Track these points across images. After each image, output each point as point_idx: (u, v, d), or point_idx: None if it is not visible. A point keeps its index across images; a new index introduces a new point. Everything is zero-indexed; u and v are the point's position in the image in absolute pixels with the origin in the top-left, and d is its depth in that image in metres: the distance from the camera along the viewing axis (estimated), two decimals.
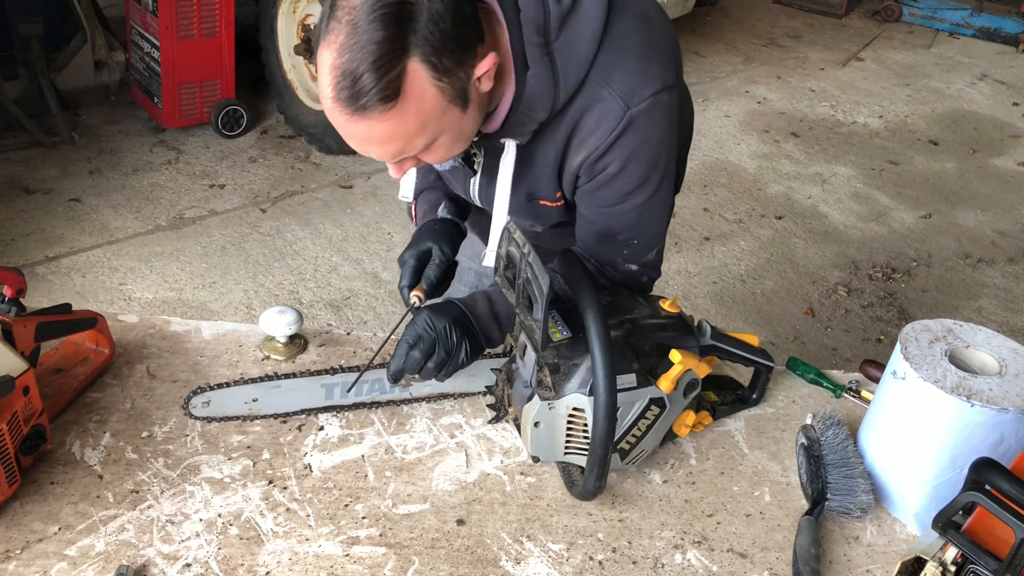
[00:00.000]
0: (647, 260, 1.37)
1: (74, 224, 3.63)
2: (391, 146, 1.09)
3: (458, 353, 1.28)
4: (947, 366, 1.25)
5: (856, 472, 1.29)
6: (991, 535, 1.06)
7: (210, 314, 3.22)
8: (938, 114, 5.70)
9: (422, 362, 1.26)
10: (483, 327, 1.32)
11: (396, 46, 0.99)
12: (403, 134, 1.06)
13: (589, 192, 1.28)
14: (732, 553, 1.21)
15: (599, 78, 1.16)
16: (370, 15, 0.97)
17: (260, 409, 1.33)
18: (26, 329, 1.23)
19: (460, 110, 1.09)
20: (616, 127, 1.18)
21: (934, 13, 7.26)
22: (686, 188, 4.44)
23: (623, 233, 1.32)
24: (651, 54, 1.19)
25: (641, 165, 1.23)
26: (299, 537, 1.16)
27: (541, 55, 1.13)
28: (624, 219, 1.30)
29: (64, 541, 1.12)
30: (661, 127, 1.22)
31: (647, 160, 1.23)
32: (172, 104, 4.17)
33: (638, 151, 1.21)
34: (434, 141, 1.11)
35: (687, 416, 1.30)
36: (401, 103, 1.02)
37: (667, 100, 1.20)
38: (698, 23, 6.64)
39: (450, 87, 1.05)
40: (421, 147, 1.10)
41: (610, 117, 1.17)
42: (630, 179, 1.24)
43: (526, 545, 1.19)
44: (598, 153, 1.21)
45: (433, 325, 1.27)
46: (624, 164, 1.22)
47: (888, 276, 3.95)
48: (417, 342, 1.27)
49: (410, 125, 1.05)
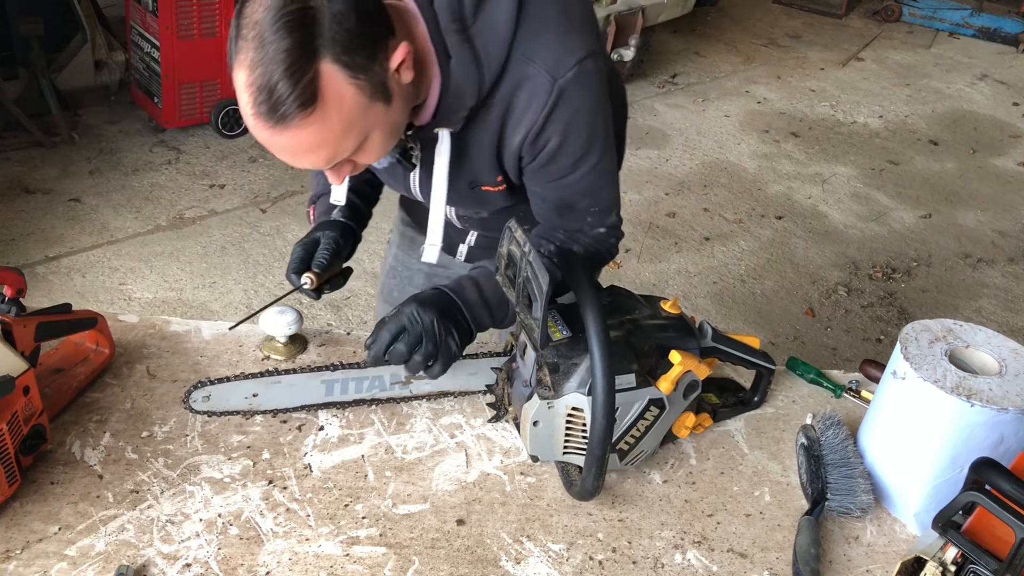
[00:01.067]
0: (610, 222, 1.38)
1: (74, 224, 3.63)
2: (322, 152, 1.08)
3: (447, 345, 1.26)
4: (947, 366, 1.25)
5: (856, 472, 1.29)
6: (991, 535, 1.06)
7: (210, 314, 3.22)
8: (938, 114, 5.70)
9: (407, 355, 1.24)
10: (474, 315, 1.31)
11: (305, 51, 0.98)
12: (330, 138, 1.06)
13: (536, 170, 1.29)
14: (732, 553, 1.21)
15: (522, 55, 1.17)
16: (273, 25, 0.97)
17: (260, 404, 1.33)
18: (26, 329, 1.23)
19: (384, 105, 1.08)
20: (548, 100, 1.19)
21: (934, 13, 7.26)
22: (686, 188, 4.45)
23: (580, 202, 1.33)
24: (569, 24, 1.20)
25: (581, 133, 1.24)
26: (299, 537, 1.16)
27: (460, 41, 1.14)
28: (578, 188, 1.31)
29: (64, 541, 1.12)
30: (593, 93, 1.23)
31: (585, 128, 1.24)
32: (172, 104, 4.17)
33: (574, 120, 1.22)
34: (365, 141, 1.10)
35: (687, 418, 1.30)
36: (321, 106, 1.02)
37: (592, 66, 1.21)
38: (698, 23, 6.64)
39: (368, 83, 1.04)
40: (352, 148, 1.09)
41: (540, 91, 1.19)
42: (573, 149, 1.25)
43: (526, 545, 1.19)
44: (536, 129, 1.22)
45: (420, 318, 1.25)
46: (564, 136, 1.23)
47: (888, 276, 3.95)
48: (401, 334, 1.24)
49: (335, 128, 1.05)
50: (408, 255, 1.80)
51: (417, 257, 1.76)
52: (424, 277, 1.78)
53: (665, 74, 5.81)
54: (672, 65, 5.97)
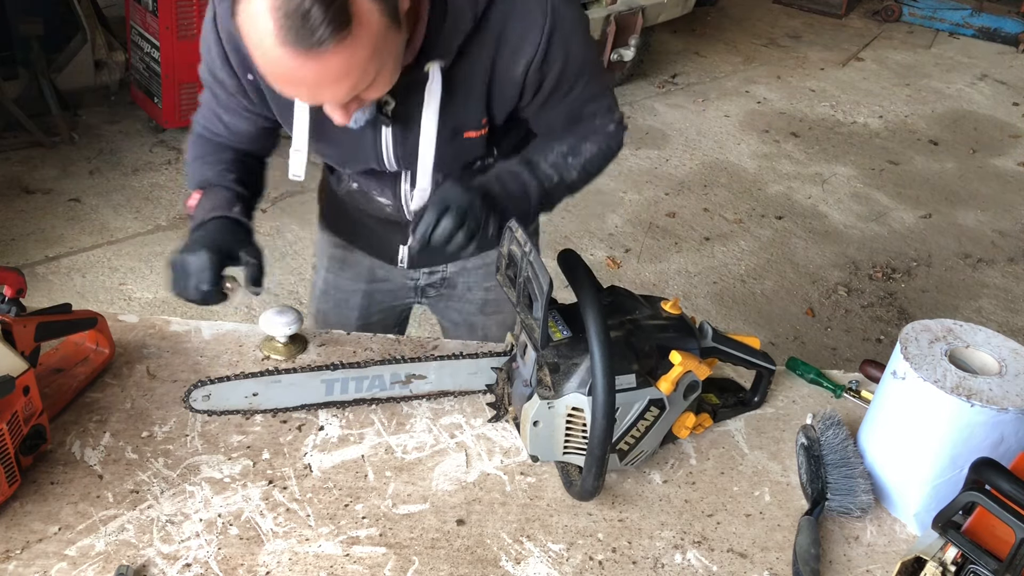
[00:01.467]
0: (617, 116, 1.38)
1: (74, 224, 3.63)
2: (346, 82, 1.03)
3: (487, 226, 1.21)
4: (947, 366, 1.25)
5: (856, 472, 1.29)
6: (991, 535, 1.06)
7: (210, 314, 3.20)
8: (938, 114, 5.70)
9: (453, 231, 1.18)
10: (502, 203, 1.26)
11: None
12: (357, 65, 1.02)
13: (545, 96, 1.29)
14: (732, 553, 1.21)
15: None
16: None
17: (260, 404, 1.33)
18: (26, 329, 1.23)
19: (397, 31, 1.05)
20: (545, 23, 1.19)
21: (934, 13, 7.26)
22: (686, 188, 4.45)
23: (587, 107, 1.34)
24: None
25: (580, 46, 1.25)
26: (299, 537, 1.16)
27: None
28: (582, 96, 1.32)
29: (64, 541, 1.12)
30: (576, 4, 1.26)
31: (582, 40, 1.26)
32: (172, 104, 4.16)
33: (571, 37, 1.23)
34: (380, 71, 1.06)
35: (687, 418, 1.30)
36: (355, 29, 0.98)
37: None
38: (698, 23, 6.64)
39: (386, 5, 1.01)
40: (371, 79, 1.06)
41: (535, 14, 1.19)
42: (576, 64, 1.26)
43: (526, 545, 1.19)
44: (540, 56, 1.22)
45: (462, 195, 1.19)
46: (567, 54, 1.23)
47: (888, 276, 3.95)
48: (446, 211, 1.18)
49: (363, 54, 1.01)
50: (339, 276, 1.71)
51: (350, 277, 1.69)
52: (361, 296, 1.70)
53: (665, 74, 5.80)
54: (672, 65, 5.97)
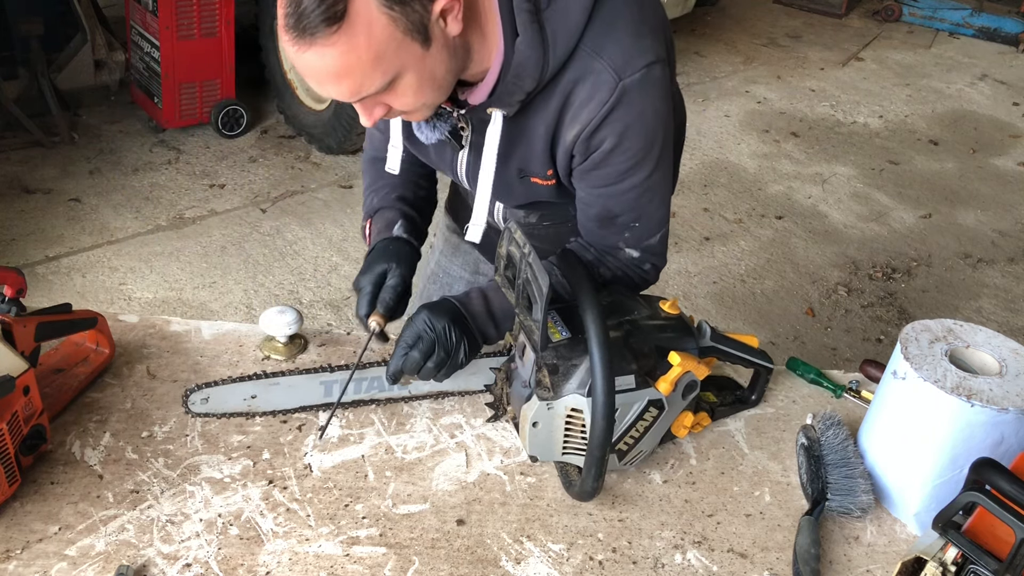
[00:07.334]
0: (649, 245, 1.35)
1: (74, 224, 3.63)
2: (347, 81, 1.06)
3: (457, 353, 1.27)
4: (947, 366, 1.25)
5: (856, 472, 1.29)
6: (991, 535, 1.06)
7: (210, 314, 3.22)
8: (938, 114, 5.70)
9: (421, 362, 1.26)
10: (479, 325, 1.31)
11: None
12: (356, 65, 1.04)
13: (586, 171, 1.26)
14: (732, 553, 1.21)
15: (590, 49, 1.16)
16: None
17: (259, 406, 1.33)
18: (26, 329, 1.22)
19: (421, 47, 1.06)
20: (609, 98, 1.17)
21: (934, 13, 7.26)
22: (686, 188, 4.45)
23: (623, 215, 1.30)
24: (642, 27, 1.18)
25: (637, 140, 1.21)
26: (299, 537, 1.16)
27: (531, 22, 1.13)
28: (623, 199, 1.28)
29: (64, 541, 1.12)
30: (656, 101, 1.20)
31: (643, 135, 1.21)
32: (172, 104, 4.17)
33: (633, 125, 1.20)
34: (396, 80, 1.08)
35: (685, 417, 1.30)
36: (347, 26, 1.00)
37: (660, 73, 1.19)
38: (698, 23, 6.64)
39: (404, 17, 1.02)
40: (381, 85, 1.07)
41: (603, 88, 1.16)
42: (626, 155, 1.22)
43: (526, 545, 1.19)
44: (592, 127, 1.19)
45: (432, 325, 1.26)
46: (619, 139, 1.20)
47: (888, 276, 3.95)
48: (416, 342, 1.26)
49: (362, 55, 1.03)
50: (451, 261, 1.77)
51: (460, 265, 1.74)
52: (465, 285, 1.75)
53: None
54: None
